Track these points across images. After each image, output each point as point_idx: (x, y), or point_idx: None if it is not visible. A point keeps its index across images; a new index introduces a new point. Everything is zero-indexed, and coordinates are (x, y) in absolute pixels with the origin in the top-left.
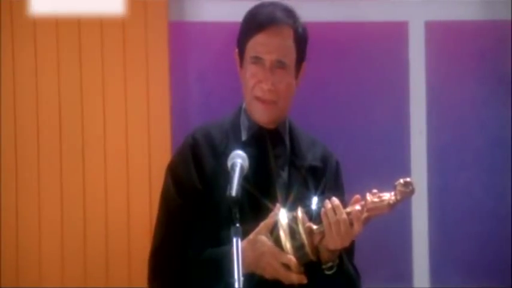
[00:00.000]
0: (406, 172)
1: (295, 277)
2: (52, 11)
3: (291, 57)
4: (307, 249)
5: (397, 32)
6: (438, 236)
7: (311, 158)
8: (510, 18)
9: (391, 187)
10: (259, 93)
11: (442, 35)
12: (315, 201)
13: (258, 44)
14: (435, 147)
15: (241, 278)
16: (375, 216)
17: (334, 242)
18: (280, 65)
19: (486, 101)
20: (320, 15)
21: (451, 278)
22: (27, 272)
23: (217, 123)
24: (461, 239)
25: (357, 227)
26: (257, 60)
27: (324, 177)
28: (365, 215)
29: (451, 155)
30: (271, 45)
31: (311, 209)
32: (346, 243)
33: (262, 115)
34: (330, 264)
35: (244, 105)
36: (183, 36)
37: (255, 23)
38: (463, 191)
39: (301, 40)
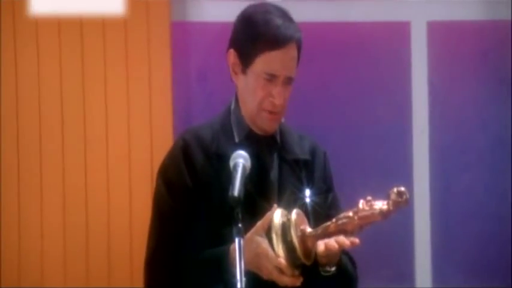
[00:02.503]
0: (408, 172)
1: (288, 280)
2: (54, 11)
3: (295, 69)
4: (299, 253)
5: (399, 32)
6: (440, 236)
7: (300, 152)
8: (511, 19)
9: (392, 188)
10: (270, 107)
11: (443, 35)
12: (307, 193)
13: (274, 61)
14: (437, 147)
15: (244, 278)
16: (367, 225)
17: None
18: (289, 81)
19: (488, 100)
20: (322, 15)
21: (453, 277)
22: (29, 273)
23: (206, 124)
24: (463, 239)
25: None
26: (272, 77)
27: (314, 169)
28: (356, 222)
29: (453, 155)
30: (285, 61)
31: (306, 203)
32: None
33: (269, 125)
34: (327, 268)
35: (233, 107)
36: (185, 36)
37: (269, 39)
38: (464, 191)
39: (301, 48)
